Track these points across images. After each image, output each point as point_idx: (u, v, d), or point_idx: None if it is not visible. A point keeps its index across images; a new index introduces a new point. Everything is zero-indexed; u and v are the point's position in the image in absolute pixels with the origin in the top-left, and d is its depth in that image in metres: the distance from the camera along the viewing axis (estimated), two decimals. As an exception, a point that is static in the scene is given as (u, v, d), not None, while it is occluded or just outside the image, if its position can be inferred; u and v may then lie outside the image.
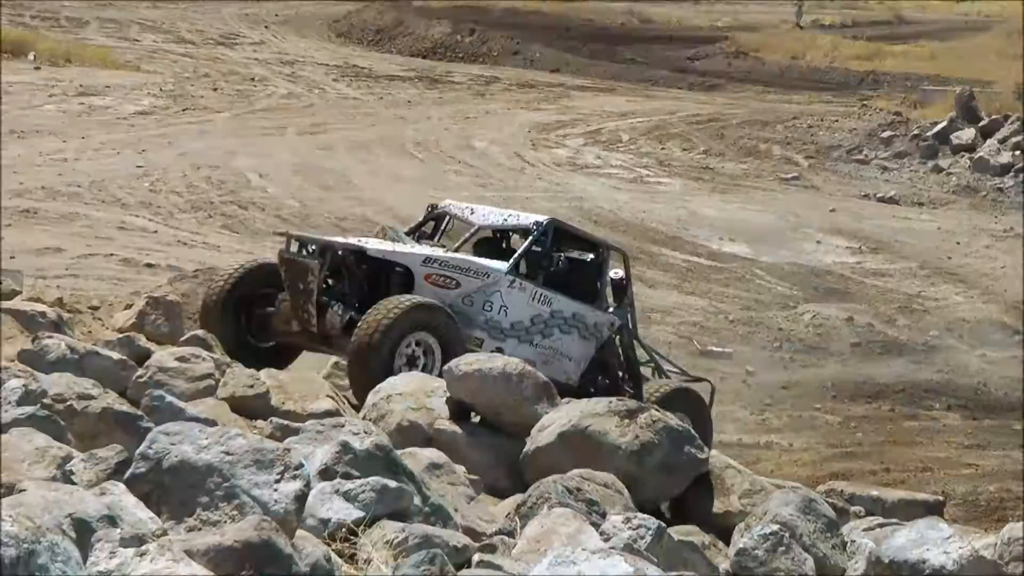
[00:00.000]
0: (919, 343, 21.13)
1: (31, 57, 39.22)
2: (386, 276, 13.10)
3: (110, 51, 44.71)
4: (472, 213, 14.91)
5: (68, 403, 8.74)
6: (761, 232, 27.62)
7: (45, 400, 8.57)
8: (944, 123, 37.16)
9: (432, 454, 9.45)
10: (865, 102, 44.62)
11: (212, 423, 8.00)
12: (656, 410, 9.71)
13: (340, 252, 12.93)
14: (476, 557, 6.44)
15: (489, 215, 14.99)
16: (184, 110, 34.93)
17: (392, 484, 7.27)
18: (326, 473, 7.38)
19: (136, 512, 6.23)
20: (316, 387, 12.39)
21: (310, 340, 13.26)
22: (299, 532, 6.42)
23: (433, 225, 15.02)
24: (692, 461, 9.07)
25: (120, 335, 12.04)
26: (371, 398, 10.60)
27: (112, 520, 5.99)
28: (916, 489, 14.04)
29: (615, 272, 15.01)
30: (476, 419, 10.80)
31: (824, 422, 17.88)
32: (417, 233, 14.85)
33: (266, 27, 58.12)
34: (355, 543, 6.69)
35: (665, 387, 14.53)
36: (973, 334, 21.73)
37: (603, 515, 7.32)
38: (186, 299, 15.18)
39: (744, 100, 49.23)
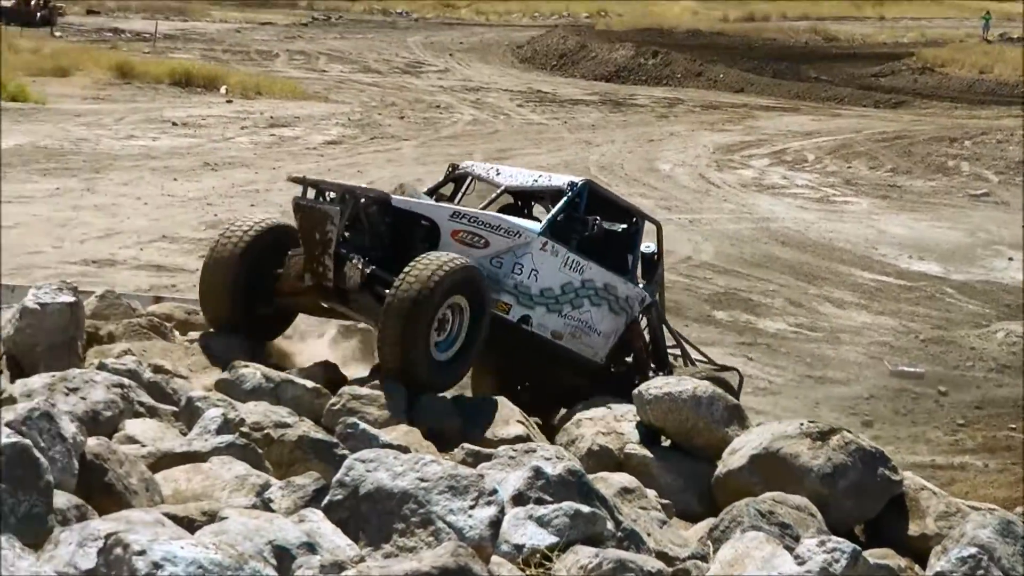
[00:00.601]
0: (1116, 360, 20.41)
1: (223, 91, 40.81)
2: (410, 230, 11.89)
3: (299, 82, 46.10)
4: (498, 174, 13.80)
5: (265, 431, 8.86)
6: (951, 250, 26.97)
7: (243, 428, 8.73)
8: None
9: (623, 478, 9.38)
10: (1056, 115, 43.84)
11: (405, 450, 8.02)
12: (847, 431, 9.45)
13: (363, 200, 11.63)
14: (670, 581, 6.29)
15: (517, 176, 13.83)
16: (372, 139, 35.65)
17: (585, 509, 7.12)
18: (519, 498, 7.30)
19: (334, 539, 6.41)
20: (506, 412, 12.14)
21: (323, 297, 11.88)
22: (494, 558, 6.44)
23: (453, 187, 13.87)
24: (885, 483, 8.89)
25: (313, 363, 12.17)
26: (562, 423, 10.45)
27: (311, 547, 6.13)
28: (1117, 510, 13.62)
29: (646, 246, 13.78)
30: (666, 442, 10.62)
31: (1020, 442, 17.18)
32: (436, 194, 13.72)
33: (451, 55, 59.89)
34: (549, 568, 6.65)
35: (696, 375, 12.93)
36: None
37: (796, 538, 7.21)
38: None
39: (931, 116, 48.96)
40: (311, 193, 11.50)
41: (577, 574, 6.51)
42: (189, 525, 6.32)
